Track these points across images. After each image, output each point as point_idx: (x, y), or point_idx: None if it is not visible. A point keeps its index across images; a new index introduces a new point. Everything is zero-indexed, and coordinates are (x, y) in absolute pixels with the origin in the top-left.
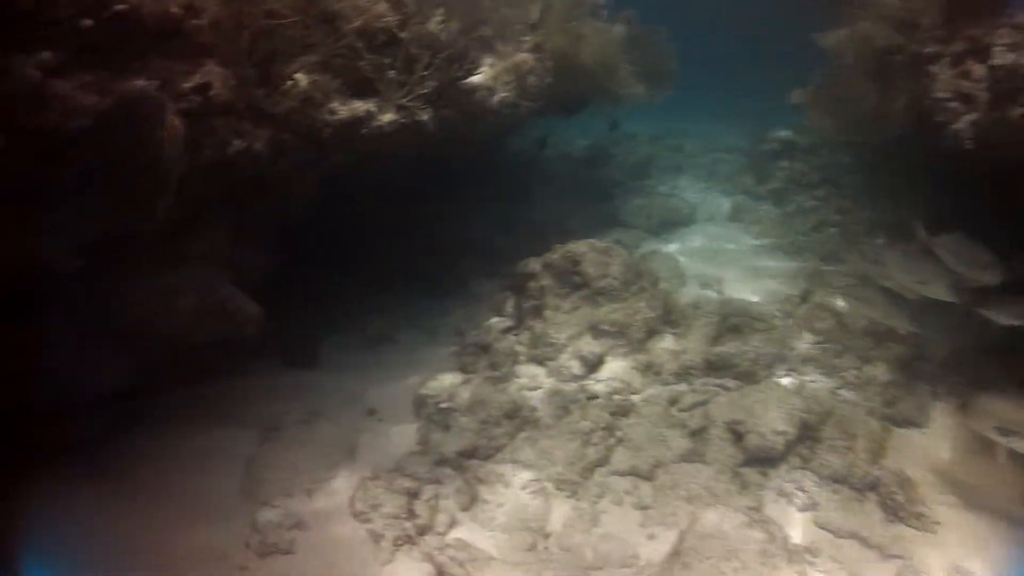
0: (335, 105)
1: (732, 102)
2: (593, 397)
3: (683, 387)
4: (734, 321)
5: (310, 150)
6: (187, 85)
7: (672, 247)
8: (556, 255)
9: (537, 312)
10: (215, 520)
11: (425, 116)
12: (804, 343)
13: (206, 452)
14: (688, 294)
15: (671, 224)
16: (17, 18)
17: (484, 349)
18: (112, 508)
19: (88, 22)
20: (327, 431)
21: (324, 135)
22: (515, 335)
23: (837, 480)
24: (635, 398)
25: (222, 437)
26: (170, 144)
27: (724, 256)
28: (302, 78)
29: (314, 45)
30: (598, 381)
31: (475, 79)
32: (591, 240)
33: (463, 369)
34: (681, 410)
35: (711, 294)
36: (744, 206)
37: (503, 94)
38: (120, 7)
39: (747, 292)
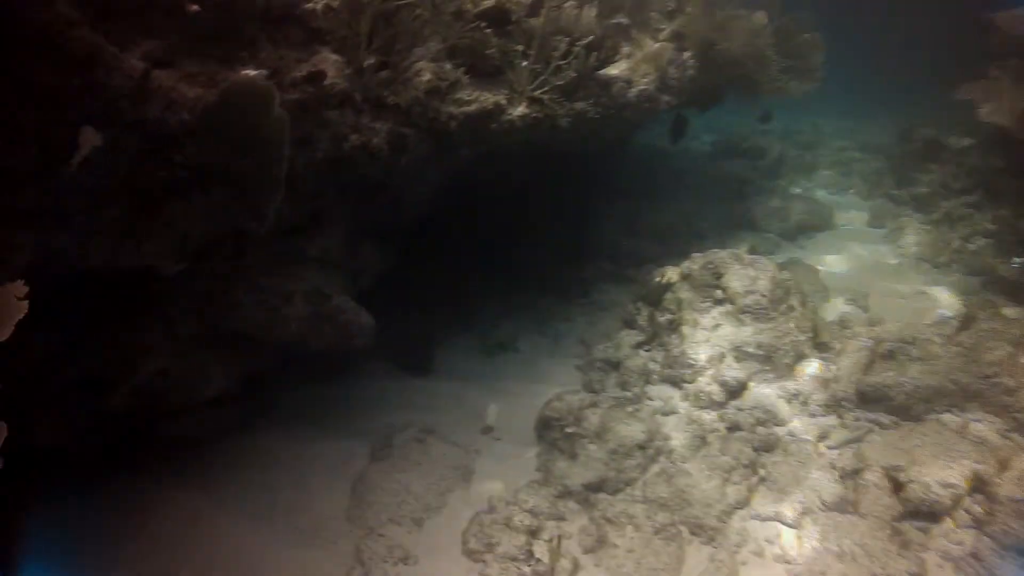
0: (462, 96)
1: (866, 95)
2: (735, 428)
3: (833, 420)
4: (888, 347)
5: (433, 145)
6: (298, 74)
7: (810, 256)
8: (696, 265)
9: (673, 327)
10: (318, 544)
11: (560, 111)
12: (968, 375)
13: (313, 466)
14: (833, 311)
15: (808, 229)
16: (121, 6)
17: (613, 366)
18: (216, 520)
19: (195, 7)
20: (440, 451)
21: (449, 129)
22: (647, 351)
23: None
24: (780, 431)
25: (330, 450)
26: (278, 138)
27: (867, 267)
28: (426, 67)
29: (438, 31)
30: (740, 410)
31: (612, 70)
32: (735, 250)
33: (589, 387)
34: (830, 447)
35: (857, 312)
36: (885, 211)
37: (642, 87)
38: None
39: (897, 311)
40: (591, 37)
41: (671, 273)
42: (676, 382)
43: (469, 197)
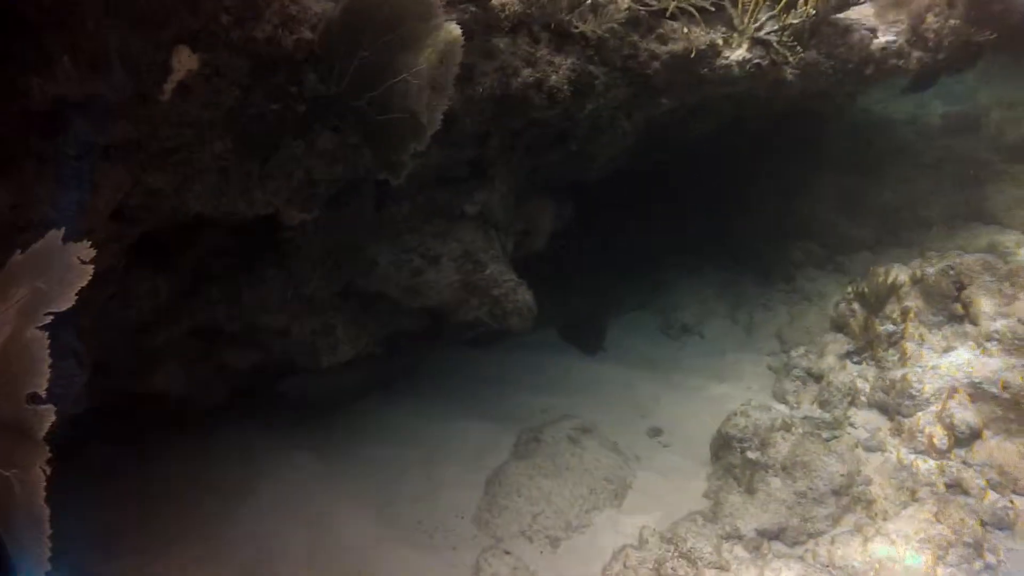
0: (668, 30)
1: None
2: (956, 487)
3: None
4: None
5: (628, 89)
6: None
7: None
8: (933, 268)
9: (893, 341)
10: (440, 547)
11: (791, 58)
12: None
13: (448, 449)
14: None
15: None
16: None
17: (814, 377)
18: (329, 497)
19: None
20: (595, 456)
21: (649, 70)
22: (857, 363)
23: None
24: (1020, 503)
25: (470, 432)
26: (434, 71)
27: None
28: None
29: None
30: (967, 465)
31: (853, 13)
32: (986, 256)
33: (781, 396)
34: None
35: None
36: None
37: (889, 37)
38: None
39: None
40: None
41: (899, 273)
42: (888, 411)
43: (664, 155)
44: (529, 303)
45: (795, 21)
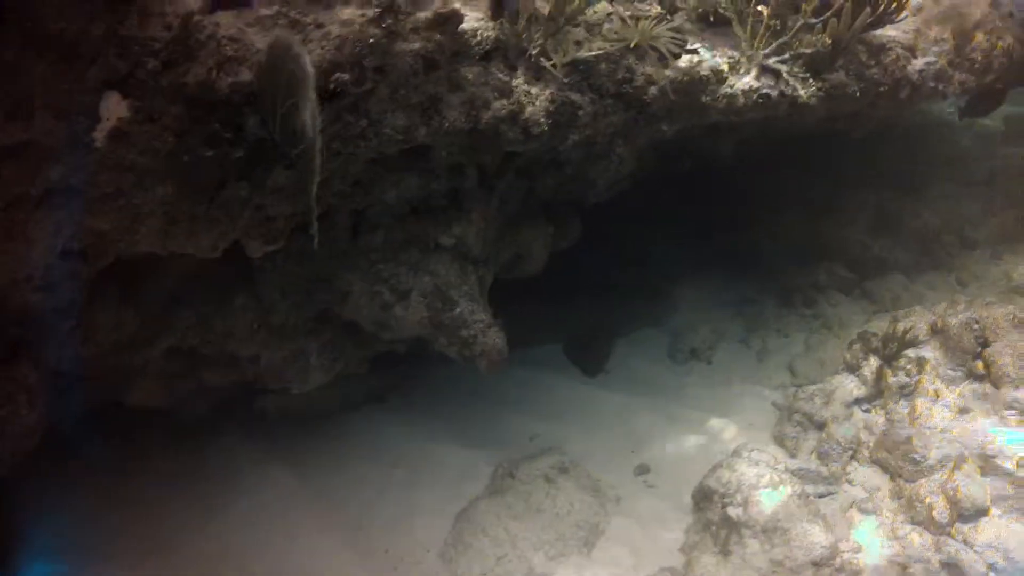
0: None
1: None
2: (954, 566)
3: None
4: None
5: (624, 116)
6: (424, 15)
7: None
8: (957, 319)
9: (905, 394)
10: None
11: (803, 90)
12: None
13: (426, 475)
14: None
15: None
16: None
17: (816, 425)
18: (312, 527)
19: None
20: (571, 497)
21: (646, 97)
22: (866, 411)
23: None
24: None
25: (450, 458)
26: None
27: None
28: (619, 10)
29: None
30: (969, 545)
31: (890, 30)
32: (1017, 311)
33: (780, 440)
34: None
35: None
36: None
37: (928, 58)
38: None
39: None
40: None
41: (919, 320)
42: (890, 471)
43: (679, 171)
44: (498, 346)
45: (808, 51)
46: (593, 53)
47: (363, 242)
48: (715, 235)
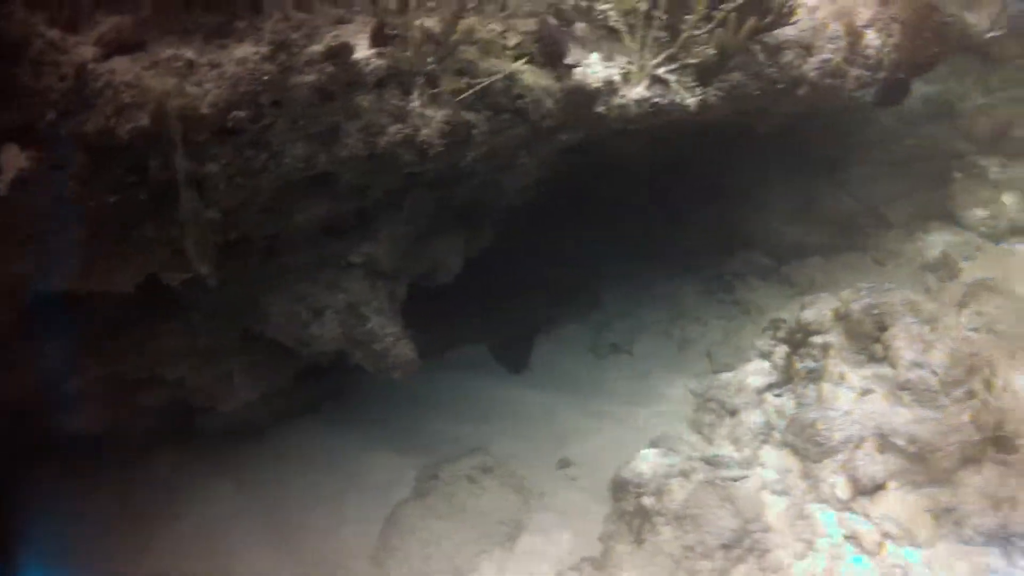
0: (562, 69)
1: None
2: (854, 539)
3: (996, 558)
4: None
5: (523, 128)
6: (316, 48)
7: (1019, 271)
8: (857, 306)
9: (813, 379)
10: None
11: (691, 99)
12: None
13: (357, 482)
14: None
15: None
16: None
17: (729, 411)
18: (250, 540)
19: None
20: (493, 497)
21: (542, 111)
22: (778, 396)
23: None
24: (914, 560)
25: (378, 466)
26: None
27: None
28: (515, 27)
29: None
30: (865, 518)
31: (788, 31)
32: (911, 295)
33: (697, 427)
34: None
35: None
36: None
37: (823, 56)
38: None
39: None
40: None
41: (823, 308)
42: (799, 453)
43: (597, 170)
44: (409, 357)
45: (695, 61)
46: (481, 81)
47: (279, 264)
48: (637, 229)
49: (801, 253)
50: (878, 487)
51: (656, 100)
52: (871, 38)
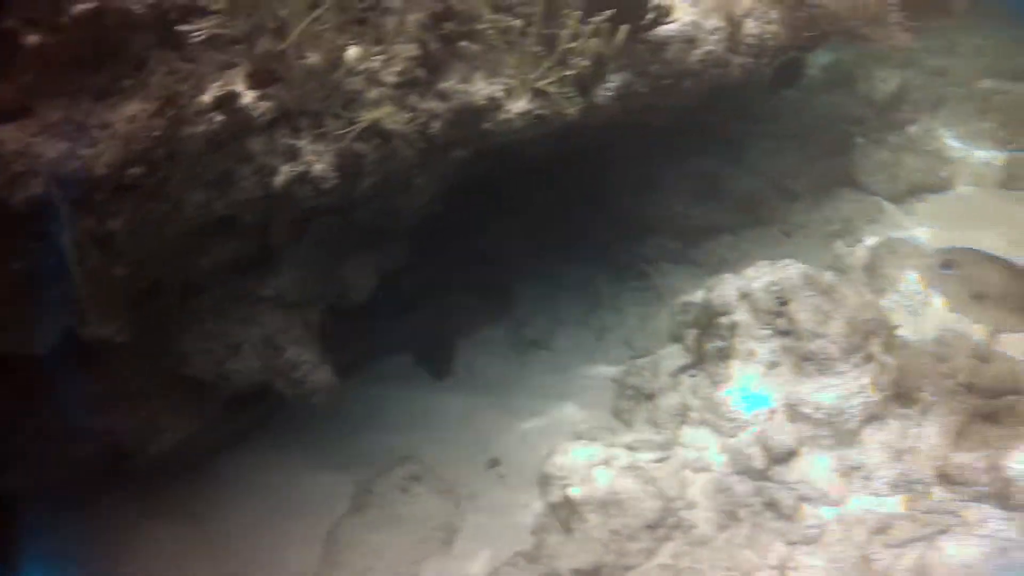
0: (447, 86)
1: None
2: (772, 507)
3: (900, 507)
4: (992, 405)
5: (415, 149)
6: (205, 99)
7: (918, 231)
8: (759, 284)
9: (723, 357)
10: None
11: (571, 108)
12: None
13: (296, 504)
14: (933, 323)
15: (921, 190)
16: None
17: (646, 396)
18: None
19: (34, 39)
20: (426, 503)
21: (432, 131)
22: (692, 376)
23: None
24: (828, 515)
25: (315, 485)
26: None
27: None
28: (398, 53)
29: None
30: (783, 484)
31: (671, 27)
32: (809, 270)
33: (618, 415)
34: (888, 546)
35: (966, 327)
36: (1019, 163)
37: (708, 47)
38: (84, 7)
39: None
40: None
41: (728, 290)
42: (716, 430)
43: (509, 170)
44: (327, 382)
45: (571, 72)
46: (365, 117)
47: (193, 305)
48: (552, 224)
49: (710, 234)
50: (791, 454)
51: (539, 112)
52: (751, 27)
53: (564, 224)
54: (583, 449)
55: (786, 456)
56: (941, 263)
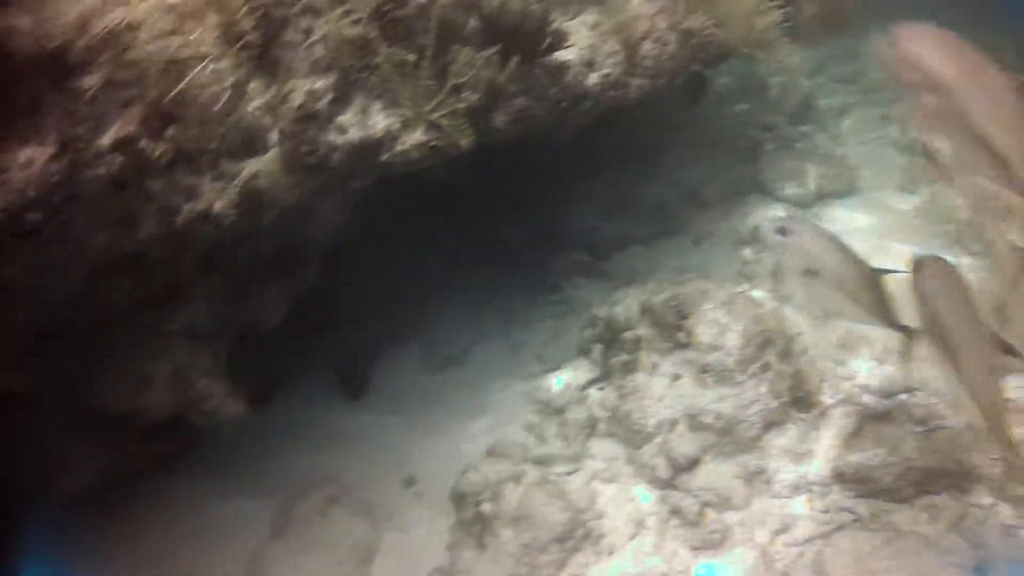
0: (346, 119)
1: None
2: (677, 513)
3: (800, 507)
4: (884, 405)
5: (315, 181)
6: (104, 142)
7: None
8: (659, 298)
9: (628, 370)
10: None
11: (464, 140)
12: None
13: (217, 532)
14: (832, 332)
15: (828, 195)
16: None
17: (556, 410)
18: None
19: None
20: (344, 525)
21: (331, 164)
22: (599, 390)
23: None
24: (732, 519)
25: (235, 512)
26: None
27: (890, 255)
28: (298, 87)
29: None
30: (687, 492)
31: (569, 51)
32: (705, 285)
33: (530, 428)
34: (788, 545)
35: (863, 330)
36: (920, 167)
37: (605, 70)
38: None
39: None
40: (520, 21)
41: (631, 305)
42: (623, 441)
43: (425, 191)
44: (238, 412)
45: (462, 106)
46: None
47: (102, 342)
48: (468, 240)
49: (622, 245)
50: (694, 462)
51: (433, 144)
52: (648, 49)
53: (478, 241)
54: (496, 464)
55: (689, 465)
56: (776, 228)
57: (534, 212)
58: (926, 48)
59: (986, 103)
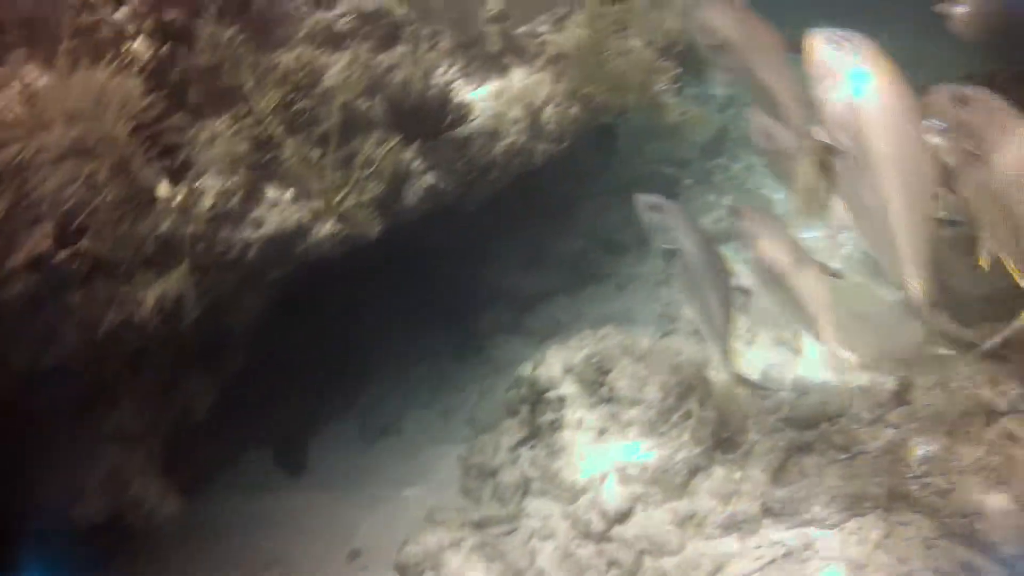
0: (259, 214)
1: None
2: (615, 565)
3: (732, 545)
4: (807, 437)
5: (233, 277)
6: (16, 259)
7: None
8: (579, 356)
9: (555, 428)
10: None
11: (374, 228)
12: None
13: None
14: (755, 365)
15: None
16: None
17: (490, 472)
18: None
19: None
20: None
21: (247, 259)
22: (531, 449)
23: None
24: (668, 564)
25: None
26: None
27: None
28: (210, 188)
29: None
30: (623, 543)
31: (473, 124)
32: (625, 340)
33: (467, 493)
34: None
35: (784, 363)
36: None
37: (511, 138)
38: None
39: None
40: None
41: (553, 365)
42: (556, 498)
43: (349, 265)
44: (170, 513)
45: (368, 197)
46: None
47: (37, 447)
48: (393, 309)
49: (544, 298)
50: (626, 514)
51: (345, 233)
52: (550, 113)
53: (405, 307)
54: (434, 533)
55: (622, 516)
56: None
57: (456, 273)
58: (718, 16)
59: (761, 56)
